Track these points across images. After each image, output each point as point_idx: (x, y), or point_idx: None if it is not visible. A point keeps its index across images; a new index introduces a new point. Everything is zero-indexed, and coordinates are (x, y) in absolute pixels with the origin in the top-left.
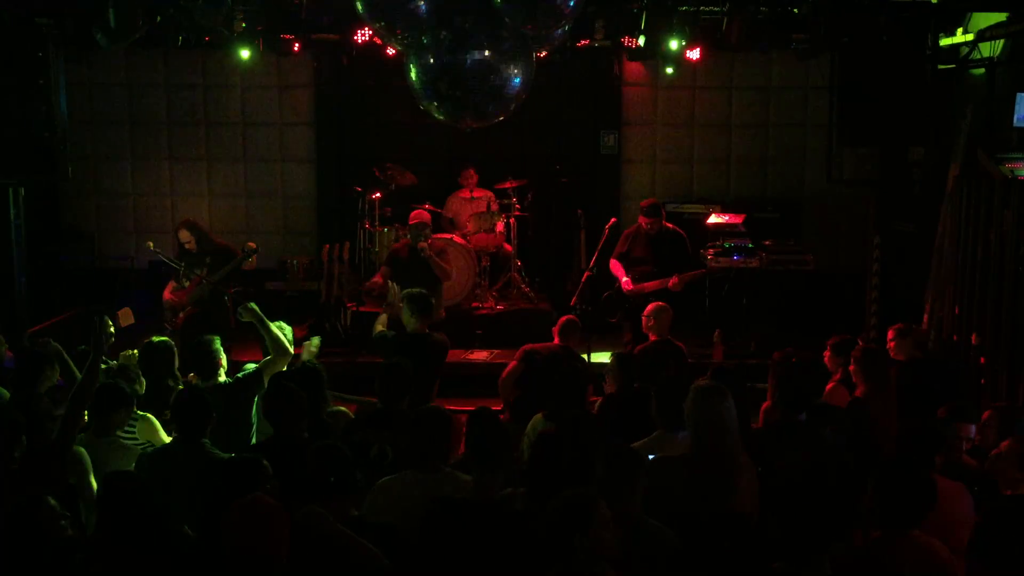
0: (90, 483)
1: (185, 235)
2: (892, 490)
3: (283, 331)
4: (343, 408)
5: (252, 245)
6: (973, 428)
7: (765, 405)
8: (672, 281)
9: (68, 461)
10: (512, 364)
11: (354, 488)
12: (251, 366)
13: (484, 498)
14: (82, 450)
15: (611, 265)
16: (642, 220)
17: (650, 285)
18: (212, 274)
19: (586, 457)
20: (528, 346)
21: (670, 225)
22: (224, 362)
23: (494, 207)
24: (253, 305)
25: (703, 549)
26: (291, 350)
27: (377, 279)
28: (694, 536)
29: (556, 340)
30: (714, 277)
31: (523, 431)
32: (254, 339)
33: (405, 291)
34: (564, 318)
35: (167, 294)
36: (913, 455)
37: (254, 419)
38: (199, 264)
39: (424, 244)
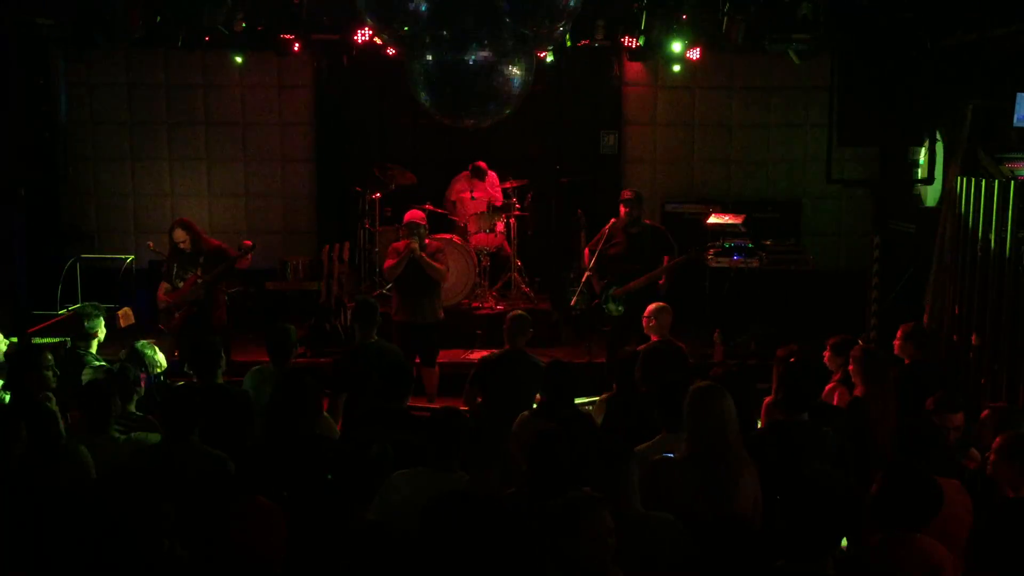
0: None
1: (180, 235)
2: (898, 493)
3: None
4: None
5: (248, 243)
6: (959, 418)
7: (768, 400)
8: (661, 282)
9: (71, 460)
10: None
11: (358, 489)
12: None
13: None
14: (83, 449)
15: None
16: (621, 209)
17: (636, 283)
18: (207, 274)
19: (584, 456)
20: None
21: (648, 221)
22: (223, 364)
23: (496, 192)
24: None
25: (705, 552)
26: None
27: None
28: (696, 538)
29: (506, 345)
30: (714, 277)
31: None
32: (253, 339)
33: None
34: (509, 315)
35: (161, 295)
36: (913, 454)
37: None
38: (193, 264)
39: (414, 245)
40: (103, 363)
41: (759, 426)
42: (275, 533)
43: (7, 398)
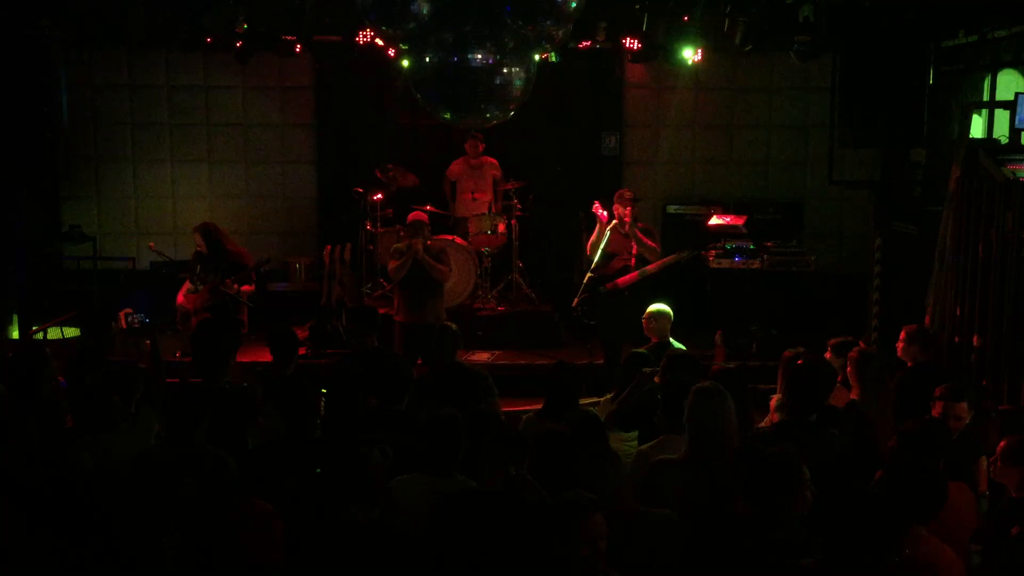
0: None
1: (197, 239)
2: (900, 487)
3: None
4: None
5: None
6: (963, 407)
7: (775, 399)
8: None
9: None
10: None
11: (357, 491)
12: None
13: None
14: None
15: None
16: (618, 208)
17: (626, 279)
18: (224, 281)
19: (582, 457)
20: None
21: (641, 224)
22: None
23: (497, 173)
24: None
25: (703, 551)
26: None
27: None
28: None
29: None
30: (716, 278)
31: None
32: (254, 340)
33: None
34: None
35: (181, 297)
36: (917, 454)
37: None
38: (214, 269)
39: (418, 245)
40: None
41: (760, 424)
42: (272, 536)
43: None
